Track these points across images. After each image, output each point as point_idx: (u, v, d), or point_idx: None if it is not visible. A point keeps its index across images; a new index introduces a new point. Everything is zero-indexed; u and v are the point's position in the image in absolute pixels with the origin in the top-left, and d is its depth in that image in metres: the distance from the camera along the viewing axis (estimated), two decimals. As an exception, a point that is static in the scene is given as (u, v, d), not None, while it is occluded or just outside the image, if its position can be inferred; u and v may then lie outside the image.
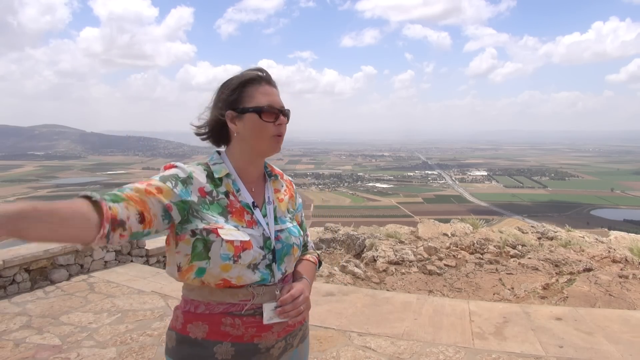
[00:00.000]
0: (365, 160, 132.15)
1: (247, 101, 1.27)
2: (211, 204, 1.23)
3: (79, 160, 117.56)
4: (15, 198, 71.97)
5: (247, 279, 1.22)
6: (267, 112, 1.27)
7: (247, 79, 1.29)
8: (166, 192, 1.15)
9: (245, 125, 1.27)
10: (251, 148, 1.30)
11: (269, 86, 1.31)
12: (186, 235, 1.19)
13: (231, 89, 1.28)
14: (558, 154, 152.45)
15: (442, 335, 3.26)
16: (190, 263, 1.20)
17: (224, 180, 1.28)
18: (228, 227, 1.21)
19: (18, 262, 4.24)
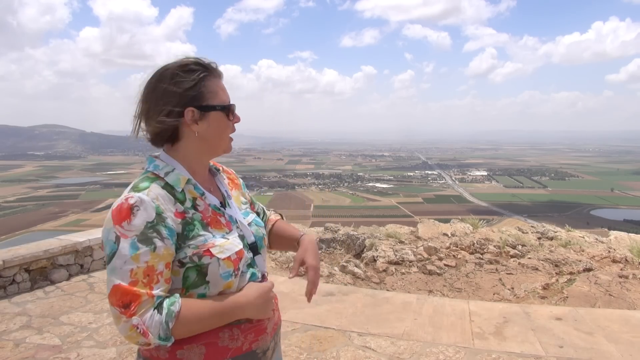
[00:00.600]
0: (365, 160, 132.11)
1: (210, 97, 1.14)
2: (192, 222, 1.10)
3: (79, 160, 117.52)
4: (15, 198, 71.98)
5: (242, 284, 1.16)
6: (233, 111, 1.20)
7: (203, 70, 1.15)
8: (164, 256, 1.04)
9: (210, 125, 1.15)
10: (211, 148, 1.20)
11: (221, 79, 1.21)
12: (175, 266, 1.08)
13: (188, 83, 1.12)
14: (558, 154, 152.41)
15: (442, 335, 3.26)
16: (186, 293, 1.10)
17: (186, 187, 1.15)
18: (219, 242, 1.11)
19: (18, 262, 4.24)
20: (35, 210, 64.59)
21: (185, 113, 1.12)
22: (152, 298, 1.00)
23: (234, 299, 1.11)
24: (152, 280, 1.02)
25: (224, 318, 1.09)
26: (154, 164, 1.15)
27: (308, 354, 3.02)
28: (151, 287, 1.01)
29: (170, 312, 1.01)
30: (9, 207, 66.80)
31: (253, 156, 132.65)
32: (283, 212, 1.63)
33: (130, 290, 0.99)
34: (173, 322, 1.01)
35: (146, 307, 1.00)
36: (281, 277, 4.86)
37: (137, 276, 1.00)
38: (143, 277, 1.00)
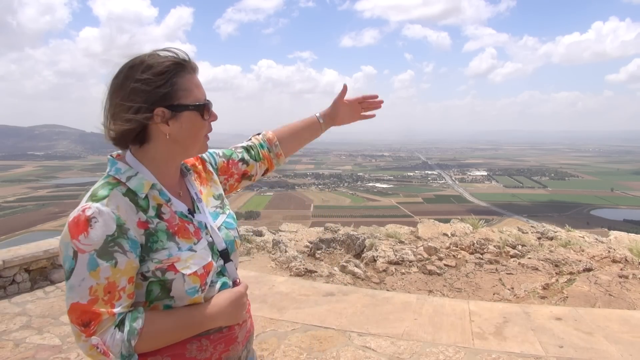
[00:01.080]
0: (365, 160, 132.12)
1: (183, 96, 1.03)
2: (156, 233, 1.01)
3: (79, 160, 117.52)
4: (15, 198, 71.97)
5: (210, 296, 1.09)
6: (208, 110, 1.08)
7: (175, 65, 1.04)
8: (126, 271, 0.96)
9: (183, 126, 1.04)
10: (184, 150, 1.09)
11: (196, 74, 1.09)
12: (137, 280, 1.00)
13: (159, 80, 1.01)
14: (558, 154, 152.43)
15: (442, 335, 3.26)
16: (149, 306, 1.03)
17: (150, 193, 1.05)
18: (185, 256, 1.02)
19: (18, 262, 4.24)
20: (35, 210, 64.60)
21: (155, 113, 1.01)
22: (113, 316, 0.95)
23: (203, 310, 1.05)
24: (114, 297, 0.95)
25: (193, 330, 1.04)
26: (116, 166, 1.04)
27: (308, 354, 3.02)
28: (112, 304, 0.95)
29: (132, 330, 0.96)
30: (9, 207, 66.79)
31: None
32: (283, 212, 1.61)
33: (89, 309, 0.93)
34: (135, 339, 0.96)
35: (107, 326, 0.95)
36: (281, 277, 4.87)
37: (97, 293, 0.93)
38: (104, 295, 0.94)
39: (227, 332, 1.11)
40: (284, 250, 5.77)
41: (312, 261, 5.65)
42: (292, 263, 5.31)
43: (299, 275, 5.07)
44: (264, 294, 4.16)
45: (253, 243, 6.29)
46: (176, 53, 1.06)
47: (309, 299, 4.03)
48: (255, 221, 44.32)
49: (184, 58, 1.06)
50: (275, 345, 3.12)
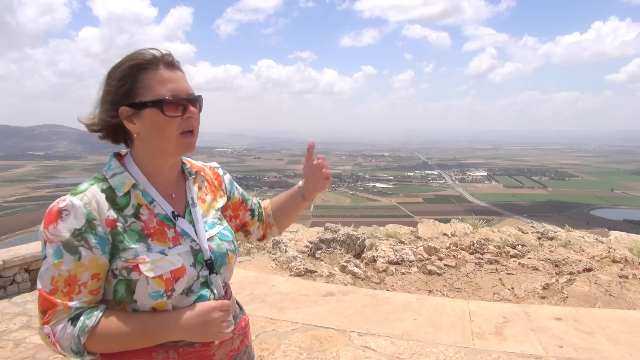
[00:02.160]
0: (365, 160, 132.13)
1: (143, 93, 1.01)
2: (124, 232, 1.00)
3: (78, 160, 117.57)
4: (15, 198, 71.98)
5: (183, 306, 1.04)
6: (171, 105, 1.02)
7: (139, 62, 1.03)
8: (90, 266, 0.97)
9: (146, 124, 1.02)
10: (157, 150, 1.06)
11: (170, 70, 1.05)
12: (109, 276, 1.01)
13: (120, 78, 1.02)
14: (558, 154, 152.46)
15: (442, 335, 3.26)
16: (120, 306, 1.02)
17: (132, 192, 1.04)
18: (152, 258, 1.00)
19: (18, 262, 4.24)
20: (35, 210, 64.54)
21: (120, 112, 1.02)
22: (69, 309, 0.95)
23: (163, 319, 1.00)
24: (73, 291, 0.96)
25: (150, 338, 1.00)
26: (110, 163, 1.07)
27: (308, 354, 3.02)
28: (70, 297, 0.95)
29: (84, 327, 0.95)
30: (9, 207, 66.81)
31: (253, 156, 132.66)
32: None
33: (48, 298, 0.95)
34: (85, 336, 0.95)
35: (60, 318, 0.95)
36: (281, 277, 4.87)
37: (57, 284, 0.95)
38: (63, 286, 0.95)
39: (200, 348, 1.05)
40: (284, 250, 5.77)
41: (312, 261, 5.65)
42: (292, 263, 5.32)
43: (299, 275, 5.07)
44: (264, 294, 4.16)
45: (253, 243, 6.29)
46: (146, 51, 1.05)
47: (309, 299, 4.03)
48: (255, 221, 43.91)
49: (153, 53, 1.04)
50: (275, 345, 3.12)
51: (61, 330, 0.95)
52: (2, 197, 71.75)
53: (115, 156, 1.09)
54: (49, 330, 0.96)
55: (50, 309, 0.96)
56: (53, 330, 0.95)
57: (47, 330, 0.96)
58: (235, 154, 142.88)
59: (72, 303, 0.96)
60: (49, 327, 0.96)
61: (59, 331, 0.95)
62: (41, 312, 0.96)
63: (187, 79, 1.11)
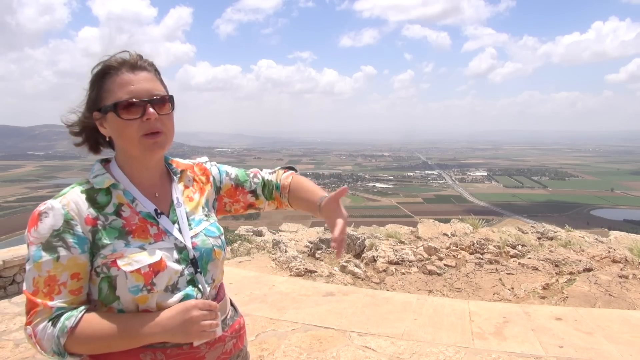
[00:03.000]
0: (365, 160, 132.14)
1: (105, 97, 1.05)
2: (104, 229, 1.02)
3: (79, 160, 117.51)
4: (15, 198, 71.98)
5: (168, 305, 1.03)
6: (125, 108, 1.02)
7: (104, 68, 1.06)
8: (69, 266, 0.98)
9: (110, 127, 1.06)
10: (126, 153, 1.09)
11: (132, 72, 1.06)
12: (93, 276, 1.03)
13: (91, 85, 1.08)
14: (558, 154, 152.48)
15: (442, 335, 3.26)
16: (105, 307, 1.03)
17: (113, 192, 1.07)
18: (129, 253, 1.01)
19: (18, 262, 4.24)
20: (35, 210, 64.45)
21: (93, 117, 1.08)
22: (49, 309, 0.97)
23: (143, 319, 1.00)
24: (53, 291, 0.97)
25: (131, 339, 0.99)
26: (94, 167, 1.11)
27: (308, 354, 3.02)
28: (51, 297, 0.97)
29: (63, 327, 0.96)
30: (9, 207, 66.79)
31: (253, 156, 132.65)
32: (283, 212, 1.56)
33: (31, 298, 0.97)
34: (65, 337, 0.96)
35: (41, 318, 0.97)
36: (281, 277, 4.87)
37: (38, 285, 0.97)
38: (43, 287, 0.97)
39: (189, 349, 1.05)
40: (284, 250, 5.77)
41: (312, 261, 5.65)
42: (292, 263, 5.32)
43: (299, 275, 5.07)
44: (264, 294, 4.16)
45: (253, 243, 6.29)
46: (113, 56, 1.08)
47: (309, 299, 4.03)
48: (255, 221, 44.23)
49: (117, 59, 1.07)
50: (275, 345, 3.12)
51: (42, 331, 0.97)
52: (2, 197, 71.74)
53: (101, 162, 1.13)
54: (30, 331, 0.98)
55: (32, 310, 0.98)
56: (34, 330, 0.97)
57: (29, 331, 0.98)
58: (235, 154, 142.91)
59: (52, 303, 0.97)
60: (31, 327, 0.97)
61: (39, 331, 0.97)
62: (26, 313, 0.99)
63: (162, 77, 1.13)
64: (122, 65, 1.06)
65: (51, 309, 0.97)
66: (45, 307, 0.97)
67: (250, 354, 1.29)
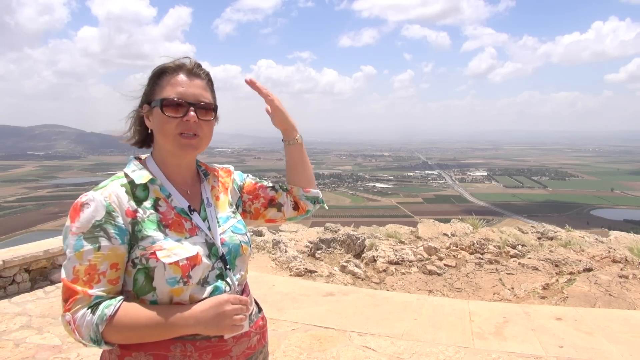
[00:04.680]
0: (365, 160, 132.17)
1: (156, 93, 1.12)
2: (143, 222, 1.07)
3: (78, 160, 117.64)
4: (15, 198, 71.97)
5: (200, 298, 1.07)
6: (170, 105, 1.09)
7: (163, 68, 1.14)
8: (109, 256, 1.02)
9: (154, 121, 1.13)
10: (163, 149, 1.15)
11: (187, 76, 1.13)
12: (129, 267, 1.07)
13: (148, 81, 1.16)
14: (558, 154, 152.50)
15: (442, 335, 3.26)
16: (138, 299, 1.07)
17: (150, 187, 1.12)
18: (168, 245, 1.05)
19: (18, 263, 4.23)
20: (35, 210, 64.57)
21: (142, 109, 1.16)
22: (89, 297, 1.00)
23: (178, 311, 1.03)
24: (93, 280, 1.01)
25: (165, 331, 1.03)
26: (130, 163, 1.16)
27: (308, 354, 3.02)
28: (90, 286, 1.01)
29: (102, 315, 0.99)
30: (9, 207, 66.79)
31: (253, 156, 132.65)
32: None
33: (70, 286, 1.01)
34: (104, 325, 0.98)
35: (80, 305, 1.00)
36: (281, 277, 4.87)
37: (78, 274, 1.01)
38: (84, 275, 1.01)
39: (217, 342, 1.08)
40: (284, 250, 5.77)
41: (312, 261, 5.65)
42: (292, 263, 5.32)
43: (299, 275, 5.07)
44: (264, 294, 4.16)
45: (253, 243, 6.29)
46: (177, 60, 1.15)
47: (309, 299, 4.03)
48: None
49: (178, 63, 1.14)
50: (275, 345, 3.12)
51: (81, 318, 0.99)
52: (2, 197, 71.73)
53: (135, 159, 1.18)
54: (69, 318, 1.00)
55: (71, 297, 1.01)
56: (73, 317, 1.00)
57: (68, 318, 1.00)
58: (235, 154, 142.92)
59: (92, 291, 1.01)
60: (70, 314, 1.00)
61: (79, 319, 1.00)
62: (63, 301, 1.02)
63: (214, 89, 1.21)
64: (180, 69, 1.13)
65: (90, 297, 1.01)
66: (85, 295, 1.00)
67: None
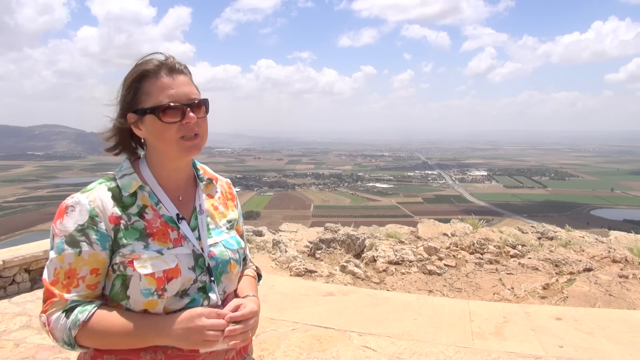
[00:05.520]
0: (365, 160, 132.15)
1: (144, 100, 1.06)
2: (126, 229, 1.04)
3: (78, 160, 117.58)
4: (15, 198, 71.96)
5: (174, 309, 1.05)
6: (168, 111, 1.05)
7: (142, 71, 1.07)
8: (89, 261, 1.02)
9: (147, 129, 1.07)
10: (162, 153, 1.10)
11: (171, 76, 1.08)
12: (109, 271, 1.06)
13: (127, 87, 1.09)
14: (558, 154, 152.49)
15: (442, 335, 3.26)
16: (114, 303, 1.06)
17: (139, 193, 1.09)
18: (147, 256, 1.03)
19: (18, 262, 4.23)
20: (35, 210, 64.56)
21: (128, 119, 1.09)
22: (65, 301, 1.01)
23: (150, 321, 1.02)
24: (71, 284, 1.01)
25: (138, 340, 1.01)
26: (121, 165, 1.13)
27: (308, 354, 3.02)
28: (68, 289, 1.01)
29: (76, 320, 0.99)
30: (9, 207, 66.80)
31: (253, 156, 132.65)
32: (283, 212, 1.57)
33: (49, 288, 1.02)
34: (76, 330, 0.99)
35: (56, 308, 1.01)
36: (281, 277, 4.87)
37: (58, 276, 1.01)
38: (63, 279, 1.01)
39: (188, 352, 1.05)
40: (284, 250, 5.77)
41: (312, 261, 5.65)
42: (292, 263, 5.32)
43: (299, 275, 5.07)
44: (264, 294, 4.16)
45: (253, 243, 6.29)
46: (150, 58, 1.09)
47: (309, 299, 4.03)
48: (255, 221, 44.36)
49: (154, 61, 1.08)
50: (275, 345, 3.12)
51: (55, 321, 1.01)
52: (2, 197, 71.73)
53: (128, 160, 1.15)
54: (44, 319, 1.02)
55: (49, 299, 1.02)
56: (48, 319, 1.02)
57: (43, 319, 1.02)
58: (235, 154, 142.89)
59: (69, 295, 1.01)
60: (45, 315, 1.02)
61: (53, 321, 1.01)
62: (43, 301, 1.04)
63: (193, 80, 1.15)
64: (160, 69, 1.08)
65: (66, 301, 1.01)
66: (61, 299, 1.01)
67: None
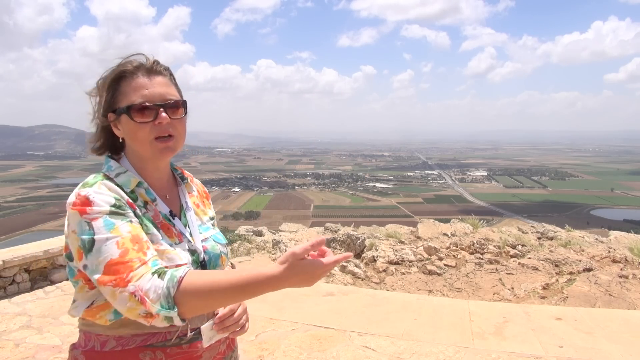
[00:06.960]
0: (365, 160, 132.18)
1: (120, 100, 1.06)
2: (143, 216, 1.04)
3: (78, 160, 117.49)
4: (15, 198, 71.97)
5: None
6: (138, 111, 1.03)
7: (120, 71, 1.07)
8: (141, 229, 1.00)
9: (124, 129, 1.07)
10: (139, 153, 1.09)
11: (147, 77, 1.07)
12: None
13: (106, 87, 1.08)
14: (558, 154, 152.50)
15: (442, 335, 3.26)
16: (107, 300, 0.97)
17: (137, 190, 1.08)
18: (164, 248, 1.03)
19: (18, 263, 4.23)
20: (35, 210, 64.58)
21: (109, 118, 1.09)
22: (146, 264, 0.92)
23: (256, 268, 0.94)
24: (143, 247, 0.95)
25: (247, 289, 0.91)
26: (109, 164, 1.10)
27: (308, 354, 3.02)
28: (144, 252, 0.94)
29: (172, 277, 0.91)
30: (9, 207, 66.81)
31: (253, 156, 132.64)
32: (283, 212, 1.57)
33: (120, 261, 0.91)
34: (175, 288, 0.89)
35: (142, 273, 0.90)
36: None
37: (125, 245, 0.93)
38: (132, 245, 0.93)
39: (188, 348, 1.04)
40: (284, 250, 5.77)
41: (312, 261, 5.65)
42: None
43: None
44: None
45: (253, 243, 6.29)
46: (129, 59, 1.09)
47: (309, 298, 4.03)
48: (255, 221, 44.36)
49: (132, 62, 1.08)
50: (275, 345, 3.12)
51: (147, 283, 0.90)
52: (2, 197, 71.74)
53: (111, 158, 1.12)
54: (134, 288, 0.89)
55: (128, 270, 0.90)
56: (138, 286, 0.89)
57: (132, 288, 0.89)
58: (235, 154, 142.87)
59: (148, 257, 0.94)
60: (133, 284, 0.89)
61: (144, 284, 0.89)
62: (115, 281, 0.90)
63: (177, 82, 1.14)
64: (138, 70, 1.07)
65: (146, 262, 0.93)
66: (142, 263, 0.92)
67: (250, 353, 1.29)
